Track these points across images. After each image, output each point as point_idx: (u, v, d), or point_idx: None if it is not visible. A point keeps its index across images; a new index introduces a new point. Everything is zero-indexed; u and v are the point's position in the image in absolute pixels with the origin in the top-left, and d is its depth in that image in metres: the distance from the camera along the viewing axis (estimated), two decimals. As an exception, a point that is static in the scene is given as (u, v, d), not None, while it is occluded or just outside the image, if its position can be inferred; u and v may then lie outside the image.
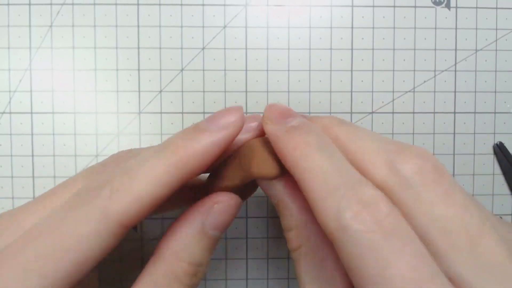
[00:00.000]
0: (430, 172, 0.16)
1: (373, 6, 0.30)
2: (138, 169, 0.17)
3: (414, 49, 0.30)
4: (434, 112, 0.30)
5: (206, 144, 0.17)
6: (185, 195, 0.23)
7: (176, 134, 0.18)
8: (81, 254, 0.16)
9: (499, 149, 0.30)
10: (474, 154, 0.30)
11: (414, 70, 0.30)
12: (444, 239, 0.15)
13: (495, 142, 0.30)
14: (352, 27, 0.30)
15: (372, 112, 0.30)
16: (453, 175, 0.30)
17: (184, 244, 0.18)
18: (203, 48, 0.29)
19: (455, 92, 0.30)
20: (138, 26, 0.29)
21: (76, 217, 0.16)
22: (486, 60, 0.30)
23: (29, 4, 0.29)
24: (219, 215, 0.19)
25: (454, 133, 0.30)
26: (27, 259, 0.15)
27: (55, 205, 0.18)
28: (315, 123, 0.19)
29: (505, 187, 0.30)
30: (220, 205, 0.19)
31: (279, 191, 0.19)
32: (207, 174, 0.22)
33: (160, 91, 0.29)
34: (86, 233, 0.16)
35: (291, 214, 0.19)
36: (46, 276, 0.15)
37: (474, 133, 0.30)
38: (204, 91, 0.30)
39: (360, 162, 0.17)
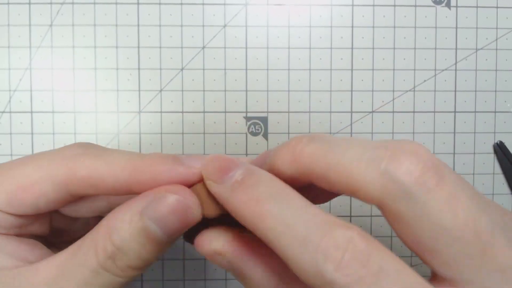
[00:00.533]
0: (430, 175, 0.14)
1: (373, 5, 0.30)
2: None
3: (415, 48, 0.30)
4: (434, 111, 0.30)
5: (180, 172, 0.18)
6: None
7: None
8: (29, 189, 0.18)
9: (499, 148, 0.30)
10: (474, 153, 0.30)
11: (415, 69, 0.30)
12: (454, 247, 0.14)
13: (496, 141, 0.30)
14: (352, 26, 0.30)
15: (372, 111, 0.30)
16: (453, 174, 0.30)
17: (116, 219, 0.17)
18: (203, 47, 0.29)
19: (455, 91, 0.30)
20: (138, 25, 0.29)
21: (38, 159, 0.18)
22: (486, 59, 0.30)
23: (29, 3, 0.29)
24: (165, 207, 0.17)
25: (454, 132, 0.30)
26: None
27: None
28: (274, 156, 0.17)
29: (505, 187, 0.30)
30: (172, 199, 0.17)
31: (233, 261, 0.17)
32: None
33: (160, 90, 0.29)
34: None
35: (257, 284, 0.17)
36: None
37: (474, 132, 0.30)
38: (204, 90, 0.29)
39: (347, 181, 0.15)
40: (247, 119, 0.30)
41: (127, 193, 0.18)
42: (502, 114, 0.30)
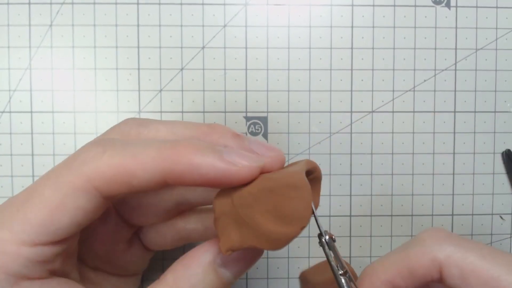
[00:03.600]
0: None
1: (373, 5, 0.30)
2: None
3: (414, 48, 0.30)
4: (434, 111, 0.30)
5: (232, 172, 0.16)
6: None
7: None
8: (60, 205, 0.16)
9: (508, 157, 0.30)
10: (474, 153, 0.30)
11: (414, 69, 0.30)
12: None
13: (504, 150, 0.30)
14: (352, 26, 0.30)
15: (372, 111, 0.30)
16: (453, 174, 0.30)
17: (189, 274, 0.17)
18: (203, 47, 0.29)
19: (455, 91, 0.30)
20: (138, 25, 0.29)
21: (57, 171, 0.17)
22: (486, 59, 0.30)
23: (29, 3, 0.29)
24: (238, 255, 0.17)
25: (454, 132, 0.30)
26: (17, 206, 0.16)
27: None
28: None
29: (505, 186, 0.30)
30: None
31: None
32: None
33: (160, 90, 0.29)
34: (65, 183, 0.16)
35: None
36: (27, 219, 0.16)
37: (474, 132, 0.30)
38: (204, 90, 0.29)
39: None
40: (247, 119, 0.30)
41: (164, 187, 0.17)
42: (502, 114, 0.30)
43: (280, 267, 0.30)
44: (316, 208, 0.18)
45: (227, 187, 0.17)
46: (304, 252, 0.30)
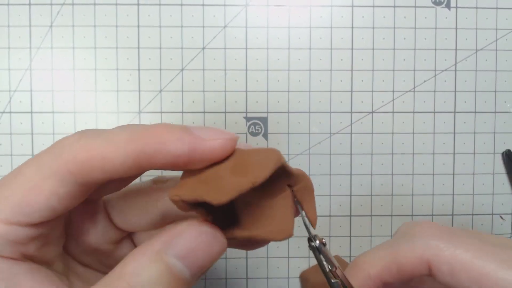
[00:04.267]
0: None
1: (373, 6, 0.30)
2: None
3: (414, 49, 0.30)
4: (434, 112, 0.30)
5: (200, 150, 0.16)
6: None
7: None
8: (39, 184, 0.16)
9: (508, 157, 0.30)
10: (474, 153, 0.30)
11: (414, 70, 0.30)
12: None
13: (504, 150, 0.30)
14: (352, 27, 0.30)
15: (372, 112, 0.30)
16: (453, 174, 0.30)
17: (136, 266, 0.15)
18: (203, 48, 0.30)
19: (455, 91, 0.30)
20: (138, 26, 0.29)
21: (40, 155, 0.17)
22: (486, 60, 0.30)
23: (29, 4, 0.29)
24: (191, 243, 0.16)
25: (454, 133, 0.30)
26: None
27: None
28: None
29: (505, 186, 0.30)
30: (192, 231, 0.16)
31: None
32: None
33: (160, 91, 0.29)
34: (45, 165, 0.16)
35: None
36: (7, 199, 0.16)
37: (474, 133, 0.30)
38: (204, 91, 0.30)
39: None
40: (247, 119, 0.30)
41: (138, 171, 0.16)
42: (502, 114, 0.30)
43: (280, 267, 0.30)
44: (314, 224, 0.18)
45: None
46: (304, 252, 0.30)
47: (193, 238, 0.15)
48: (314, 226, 0.17)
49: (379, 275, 0.19)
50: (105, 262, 0.21)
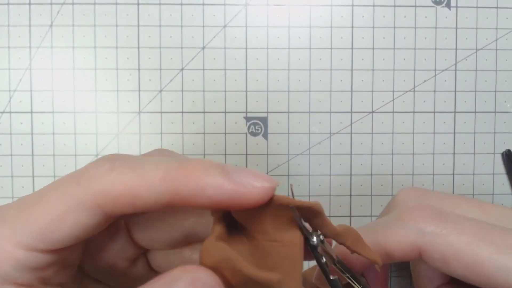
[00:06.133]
0: None
1: (373, 6, 0.30)
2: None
3: (415, 49, 0.30)
4: (434, 112, 0.30)
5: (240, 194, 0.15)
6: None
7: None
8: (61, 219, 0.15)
9: (508, 157, 0.30)
10: (474, 153, 0.30)
11: (414, 70, 0.30)
12: None
13: (504, 151, 0.30)
14: (352, 27, 0.30)
15: (372, 112, 0.30)
16: (453, 174, 0.30)
17: None
18: (203, 48, 0.29)
19: (455, 91, 0.30)
20: (138, 25, 0.29)
21: (63, 186, 0.16)
22: (486, 60, 0.30)
23: (29, 4, 0.29)
24: None
25: (454, 133, 0.30)
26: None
27: None
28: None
29: (505, 187, 0.30)
30: (181, 283, 0.14)
31: None
32: None
33: (160, 91, 0.29)
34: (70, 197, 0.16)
35: None
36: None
37: (474, 133, 0.30)
38: (204, 91, 0.29)
39: None
40: (247, 119, 0.30)
41: (169, 208, 0.16)
42: (502, 114, 0.30)
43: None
44: (379, 261, 0.17)
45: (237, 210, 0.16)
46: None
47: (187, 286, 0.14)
48: (379, 263, 0.17)
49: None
50: (118, 279, 0.21)
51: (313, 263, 0.30)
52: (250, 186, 0.15)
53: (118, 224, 0.20)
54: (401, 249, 0.19)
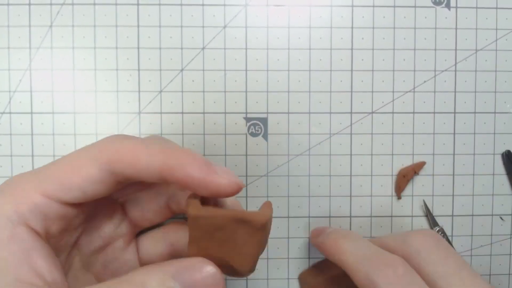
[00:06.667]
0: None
1: (373, 6, 0.30)
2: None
3: (414, 49, 0.30)
4: (434, 112, 0.30)
5: (213, 181, 0.19)
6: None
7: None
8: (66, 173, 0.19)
9: (507, 158, 0.30)
10: (474, 154, 0.30)
11: (414, 70, 0.30)
12: None
13: (504, 151, 0.30)
14: (352, 27, 0.30)
15: (372, 112, 0.30)
16: (453, 175, 0.30)
17: (149, 280, 0.17)
18: (203, 48, 0.29)
19: (455, 92, 0.30)
20: (138, 26, 0.29)
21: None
22: (486, 60, 0.30)
23: (29, 4, 0.29)
24: (197, 275, 0.18)
25: (454, 133, 0.30)
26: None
27: None
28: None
29: (505, 187, 0.30)
30: (209, 273, 0.18)
31: None
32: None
33: (160, 91, 0.29)
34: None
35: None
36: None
37: (474, 133, 0.30)
38: (204, 91, 0.29)
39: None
40: (247, 120, 0.30)
41: (159, 180, 0.19)
42: (502, 115, 0.30)
43: (280, 267, 0.30)
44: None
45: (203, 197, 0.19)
46: (304, 253, 0.30)
47: (199, 275, 0.18)
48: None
49: (343, 266, 0.24)
50: (108, 264, 0.23)
51: (311, 262, 0.30)
52: (220, 175, 0.18)
53: (115, 206, 0.23)
54: (356, 277, 0.22)
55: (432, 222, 0.30)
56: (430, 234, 0.23)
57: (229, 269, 0.19)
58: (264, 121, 0.30)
